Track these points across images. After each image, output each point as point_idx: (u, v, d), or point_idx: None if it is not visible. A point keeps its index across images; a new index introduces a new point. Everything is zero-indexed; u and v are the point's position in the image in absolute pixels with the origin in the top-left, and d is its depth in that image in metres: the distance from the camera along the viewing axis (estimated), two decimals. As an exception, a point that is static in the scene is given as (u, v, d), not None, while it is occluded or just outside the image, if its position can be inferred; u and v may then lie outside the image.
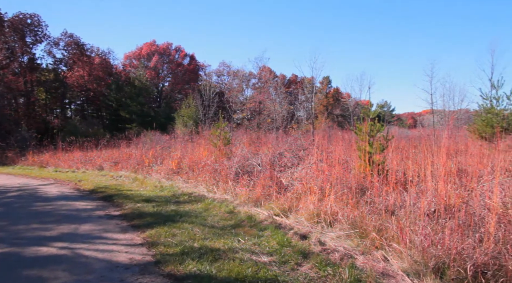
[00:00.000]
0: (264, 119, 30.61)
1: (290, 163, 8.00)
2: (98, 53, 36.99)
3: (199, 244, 4.17)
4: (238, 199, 6.50)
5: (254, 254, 3.85)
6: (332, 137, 13.26)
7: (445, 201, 4.21)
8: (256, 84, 41.40)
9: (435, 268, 3.11)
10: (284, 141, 10.36)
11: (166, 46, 42.14)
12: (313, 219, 4.88)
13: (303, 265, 3.54)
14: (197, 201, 6.73)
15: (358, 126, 6.58)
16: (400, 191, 5.10)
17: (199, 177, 8.53)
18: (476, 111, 15.34)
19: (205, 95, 27.86)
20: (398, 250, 3.55)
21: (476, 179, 5.04)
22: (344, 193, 5.18)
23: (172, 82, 41.94)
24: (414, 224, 3.83)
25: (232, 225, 5.06)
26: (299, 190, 5.97)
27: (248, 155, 8.96)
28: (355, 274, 3.24)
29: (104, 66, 36.46)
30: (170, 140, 15.56)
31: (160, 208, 6.20)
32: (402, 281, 3.13)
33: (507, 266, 2.90)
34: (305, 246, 4.07)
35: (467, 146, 9.44)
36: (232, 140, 11.58)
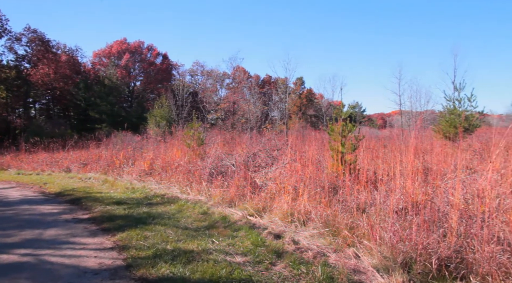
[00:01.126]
0: (238, 119, 30.57)
1: (264, 163, 8.04)
2: (65, 51, 35.43)
3: (172, 246, 4.10)
4: (212, 199, 6.45)
5: (228, 255, 3.83)
6: (305, 137, 13.45)
7: (412, 198, 4.37)
8: (230, 84, 41.30)
9: (403, 263, 3.23)
10: (258, 141, 10.40)
11: (138, 44, 41.08)
12: (287, 218, 4.93)
13: (277, 265, 3.57)
14: (170, 203, 6.61)
15: (331, 126, 6.72)
16: (370, 189, 5.25)
17: (172, 178, 8.38)
18: (441, 112, 16.09)
19: (178, 95, 27.43)
20: (368, 247, 3.65)
21: (440, 177, 5.29)
22: (317, 192, 5.27)
23: (144, 81, 40.94)
24: (384, 221, 3.96)
25: (206, 226, 5.02)
26: (273, 190, 6.01)
27: (222, 156, 8.92)
28: (328, 271, 3.30)
29: (71, 64, 34.97)
30: (142, 140, 15.18)
31: (131, 211, 6.03)
32: (372, 277, 3.22)
33: (468, 259, 3.07)
34: (279, 246, 4.10)
35: (432, 146, 9.86)
36: (206, 140, 11.48)
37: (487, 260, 2.91)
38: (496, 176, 4.02)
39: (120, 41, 40.54)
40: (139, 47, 41.11)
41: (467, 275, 2.92)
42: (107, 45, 40.53)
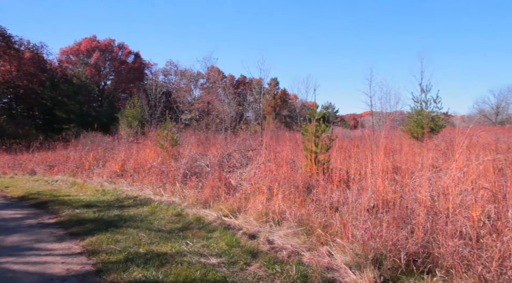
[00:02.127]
0: (213, 119, 30.30)
1: (239, 164, 8.03)
2: (29, 47, 33.63)
3: (145, 249, 4.00)
4: (186, 201, 6.37)
5: (202, 256, 3.79)
6: (280, 137, 13.56)
7: (382, 196, 4.52)
8: (204, 84, 40.92)
9: (374, 259, 3.33)
10: (233, 142, 10.36)
11: (108, 42, 39.79)
12: (261, 218, 4.95)
13: (252, 265, 3.57)
14: (143, 205, 6.45)
15: (305, 126, 6.81)
16: (343, 188, 5.37)
17: (145, 180, 8.19)
18: (409, 113, 16.74)
19: (151, 94, 26.83)
20: (341, 245, 3.73)
21: (408, 175, 5.49)
22: (291, 192, 5.32)
23: (115, 80, 39.69)
24: (356, 219, 4.06)
25: (180, 228, 4.94)
26: (248, 190, 6.01)
27: (196, 156, 8.82)
28: (302, 270, 3.34)
29: (36, 61, 33.24)
30: (113, 141, 14.70)
31: (102, 214, 5.84)
32: (345, 274, 3.30)
33: (433, 253, 3.20)
34: (253, 246, 4.10)
35: (401, 145, 10.21)
36: (180, 141, 11.30)
37: (451, 254, 3.05)
38: (459, 174, 4.22)
39: (89, 39, 39.09)
40: (110, 45, 39.84)
41: (433, 269, 3.06)
42: (75, 42, 38.97)
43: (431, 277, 2.96)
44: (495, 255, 2.81)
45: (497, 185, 4.19)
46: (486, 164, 4.92)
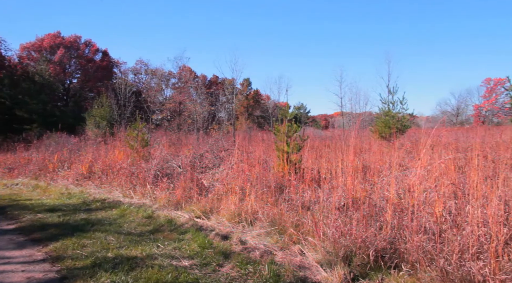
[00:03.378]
0: (185, 120, 29.86)
1: (211, 164, 7.96)
2: (-17, 42, 31.63)
3: (114, 254, 3.87)
4: (158, 203, 6.23)
5: (174, 259, 3.72)
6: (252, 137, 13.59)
7: (352, 195, 4.64)
8: (176, 84, 40.21)
9: (344, 256, 3.41)
10: (205, 142, 10.26)
11: (74, 39, 38.08)
12: (234, 219, 4.93)
13: (224, 266, 3.55)
14: (112, 207, 6.24)
15: (277, 127, 6.87)
16: (314, 188, 5.46)
17: (114, 182, 7.93)
18: (377, 114, 17.34)
19: (120, 94, 26.02)
20: (313, 243, 3.80)
21: (377, 174, 5.68)
22: (264, 192, 5.35)
23: (82, 79, 38.08)
24: (327, 218, 4.14)
25: (151, 231, 4.82)
26: (221, 190, 5.98)
27: (168, 157, 8.65)
28: (274, 269, 3.36)
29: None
30: (80, 142, 14.11)
31: (67, 218, 5.58)
32: (316, 272, 3.35)
33: (400, 249, 3.33)
34: (226, 247, 4.08)
35: (370, 145, 10.55)
36: (150, 141, 11.04)
37: (416, 249, 3.18)
38: (424, 172, 4.41)
39: (53, 35, 37.22)
40: (76, 42, 38.15)
41: (399, 264, 3.18)
42: (37, 38, 36.93)
43: (397, 272, 3.07)
44: (455, 249, 2.97)
45: (457, 183, 4.43)
46: (448, 163, 5.19)
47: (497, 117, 41.70)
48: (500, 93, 41.97)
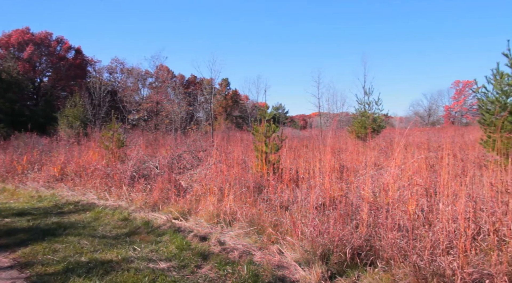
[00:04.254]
0: (162, 120, 29.35)
1: (189, 165, 7.87)
2: None
3: (88, 258, 3.75)
4: (134, 204, 6.10)
5: (151, 261, 3.65)
6: (231, 138, 13.55)
7: (330, 194, 4.72)
8: (153, 84, 39.45)
9: (322, 255, 3.46)
10: (183, 143, 10.14)
11: (45, 35, 36.53)
12: (213, 219, 4.90)
13: (203, 267, 3.52)
14: (86, 210, 6.05)
15: (255, 127, 6.88)
16: (293, 187, 5.51)
17: (88, 184, 7.69)
18: (354, 114, 17.75)
19: (95, 93, 25.25)
20: (291, 243, 3.83)
21: (353, 173, 5.81)
22: (242, 192, 5.34)
23: (53, 77, 36.59)
24: (305, 217, 4.19)
25: (127, 233, 4.71)
26: (199, 191, 5.93)
27: (144, 158, 8.48)
28: (253, 269, 3.37)
29: (-46, 53, 29.58)
30: (52, 143, 13.58)
31: (37, 222, 5.36)
32: (294, 270, 3.38)
33: (375, 246, 3.42)
34: (204, 248, 4.05)
35: (347, 145, 10.77)
36: (126, 142, 10.79)
37: (390, 246, 3.28)
38: (398, 171, 4.55)
39: (22, 31, 35.50)
40: (46, 39, 36.61)
41: (375, 261, 3.25)
42: (4, 34, 35.07)
43: (373, 269, 3.15)
44: (427, 245, 3.07)
45: (429, 181, 4.59)
46: (420, 162, 5.37)
47: (466, 118, 43.62)
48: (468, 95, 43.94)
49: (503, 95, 6.46)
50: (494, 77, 6.69)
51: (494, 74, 6.69)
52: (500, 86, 6.52)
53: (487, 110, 6.64)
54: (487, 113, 6.58)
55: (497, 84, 6.59)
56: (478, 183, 4.24)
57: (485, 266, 2.81)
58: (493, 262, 2.75)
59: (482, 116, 6.81)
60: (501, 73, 6.59)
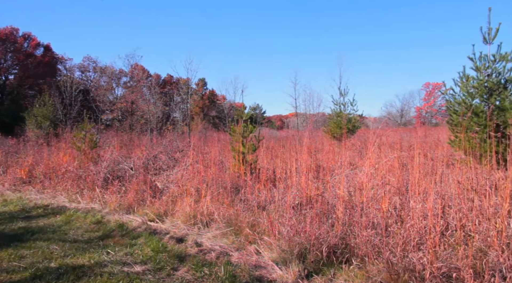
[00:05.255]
0: (137, 120, 28.70)
1: (165, 166, 7.75)
2: None
3: (58, 263, 3.61)
4: (108, 207, 5.93)
5: (126, 265, 3.56)
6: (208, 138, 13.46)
7: (306, 193, 4.78)
8: (128, 83, 38.49)
9: (299, 254, 3.50)
10: (159, 143, 9.97)
11: (10, 31, 34.73)
12: (189, 221, 4.85)
13: (179, 269, 3.47)
14: (56, 214, 5.82)
15: (233, 127, 6.87)
16: (270, 187, 5.55)
17: (59, 186, 7.40)
18: (330, 115, 18.08)
19: (66, 92, 24.38)
20: (268, 242, 3.85)
21: (329, 173, 5.91)
22: (220, 193, 5.32)
23: (20, 75, 34.85)
24: (282, 217, 4.23)
25: (100, 237, 4.57)
26: (175, 192, 5.84)
27: (119, 159, 8.27)
28: (230, 270, 3.36)
29: None
30: (19, 144, 12.97)
31: (2, 227, 5.09)
32: (272, 270, 3.40)
33: (350, 244, 3.50)
34: (181, 250, 4.00)
35: (323, 145, 10.95)
36: (100, 143, 10.48)
37: (365, 243, 3.36)
38: (372, 170, 4.68)
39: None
40: (12, 35, 34.83)
41: (350, 258, 3.33)
42: (-35, 29, 33.31)
43: (348, 266, 3.22)
44: (399, 241, 3.18)
45: (401, 179, 4.75)
46: (393, 161, 5.54)
47: (435, 119, 45.45)
48: (438, 96, 45.80)
49: (469, 97, 6.77)
50: (460, 79, 7.02)
51: (461, 77, 7.01)
52: (466, 88, 6.84)
53: (455, 111, 6.95)
54: (455, 114, 6.88)
55: (463, 87, 6.91)
56: (446, 181, 4.43)
57: (452, 260, 2.94)
58: (459, 256, 2.88)
59: (450, 117, 7.12)
60: (467, 76, 6.91)
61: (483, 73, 6.72)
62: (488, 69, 6.66)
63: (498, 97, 6.50)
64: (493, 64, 6.63)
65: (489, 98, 6.58)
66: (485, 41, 6.70)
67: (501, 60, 6.56)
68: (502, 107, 6.39)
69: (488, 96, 6.62)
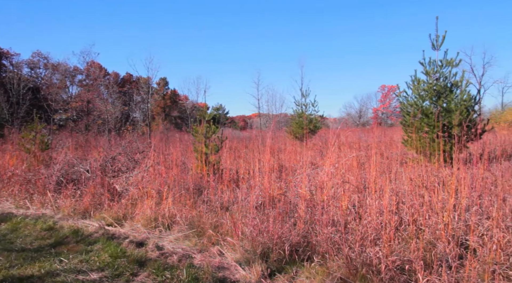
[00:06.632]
0: (94, 120, 27.33)
1: (125, 168, 7.46)
2: None
3: (2, 275, 3.33)
4: (61, 212, 5.59)
5: (81, 273, 3.38)
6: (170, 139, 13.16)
7: (269, 193, 4.83)
8: (83, 81, 36.54)
9: (262, 253, 3.52)
10: (118, 144, 9.58)
11: None
12: (150, 224, 4.70)
13: (139, 275, 3.35)
14: (0, 221, 5.38)
15: (195, 128, 6.77)
16: (233, 188, 5.53)
17: (4, 191, 6.85)
18: (292, 115, 18.43)
19: (12, 90, 22.67)
20: (232, 243, 3.83)
21: (291, 173, 6.02)
22: (182, 195, 5.21)
23: (-41, 70, 31.98)
24: (245, 217, 4.23)
25: (52, 244, 4.29)
26: (135, 195, 5.64)
27: (74, 161, 7.82)
28: (193, 272, 3.30)
29: None
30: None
31: None
32: (235, 271, 3.40)
33: (312, 242, 3.58)
34: (141, 254, 3.86)
35: (285, 145, 11.12)
36: (52, 144, 9.87)
37: (326, 241, 3.46)
38: (332, 169, 4.83)
39: None
40: (-50, 27, 31.82)
41: (312, 256, 3.41)
42: None
43: (310, 263, 3.29)
44: (358, 237, 3.31)
45: (359, 178, 4.94)
46: (352, 160, 5.76)
47: (391, 119, 47.95)
48: (393, 98, 48.31)
49: (420, 99, 7.22)
50: (412, 83, 7.46)
51: (413, 80, 7.46)
52: (418, 91, 7.29)
53: (407, 112, 7.37)
54: (407, 115, 7.30)
55: (415, 89, 7.35)
56: (400, 178, 4.68)
57: (405, 253, 3.11)
58: (412, 249, 3.06)
59: (403, 118, 7.54)
60: (418, 79, 7.37)
61: (432, 77, 7.20)
62: (437, 73, 7.15)
63: (445, 99, 6.99)
64: (440, 68, 7.13)
65: (438, 101, 7.06)
66: (434, 47, 7.19)
67: (447, 65, 7.07)
68: (448, 109, 6.88)
69: (436, 99, 7.09)
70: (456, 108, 6.73)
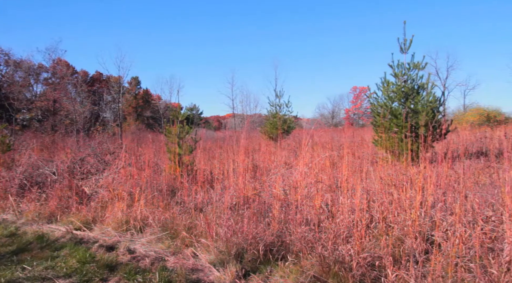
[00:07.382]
0: (61, 120, 26.17)
1: (94, 169, 7.20)
2: None
3: (-40, 285, 3.13)
4: (24, 217, 5.31)
5: (46, 280, 3.22)
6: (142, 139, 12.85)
7: (244, 193, 4.82)
8: (49, 79, 34.90)
9: (236, 254, 3.51)
10: (87, 145, 9.23)
11: None
12: (121, 227, 4.57)
13: (109, 280, 3.25)
14: (-42, 228, 5.04)
15: (168, 128, 6.65)
16: (207, 189, 5.48)
17: (-39, 196, 6.43)
18: (266, 116, 18.53)
19: (-30, 87, 21.26)
20: (206, 245, 3.80)
21: (266, 173, 6.04)
22: (154, 196, 5.11)
23: None
24: (219, 218, 4.20)
25: (14, 251, 4.07)
26: (106, 198, 5.46)
27: (38, 163, 7.46)
28: (166, 275, 3.24)
29: None
30: None
31: None
32: (209, 272, 3.36)
33: (286, 241, 3.61)
34: (112, 258, 3.74)
35: (260, 145, 11.15)
36: (15, 145, 9.36)
37: (299, 240, 3.50)
38: (306, 169, 4.89)
39: None
40: None
41: (286, 255, 3.44)
42: None
43: (284, 263, 3.32)
44: (330, 236, 3.37)
45: (332, 177, 5.04)
46: (325, 160, 5.87)
47: (362, 120, 49.34)
48: (364, 99, 49.73)
49: (389, 100, 7.48)
50: (382, 84, 7.71)
51: (383, 82, 7.71)
52: (387, 93, 7.54)
53: (378, 113, 7.61)
54: (378, 116, 7.53)
55: (385, 91, 7.60)
56: (371, 177, 4.82)
57: (376, 250, 3.20)
58: (382, 246, 3.15)
59: (374, 118, 7.78)
60: (387, 81, 7.63)
61: (401, 79, 7.47)
62: (405, 76, 7.43)
63: (412, 101, 7.28)
64: (408, 71, 7.42)
65: (406, 102, 7.34)
66: (402, 50, 7.47)
67: (414, 68, 7.37)
68: (416, 110, 7.17)
69: (404, 100, 7.37)
70: (423, 109, 7.02)
